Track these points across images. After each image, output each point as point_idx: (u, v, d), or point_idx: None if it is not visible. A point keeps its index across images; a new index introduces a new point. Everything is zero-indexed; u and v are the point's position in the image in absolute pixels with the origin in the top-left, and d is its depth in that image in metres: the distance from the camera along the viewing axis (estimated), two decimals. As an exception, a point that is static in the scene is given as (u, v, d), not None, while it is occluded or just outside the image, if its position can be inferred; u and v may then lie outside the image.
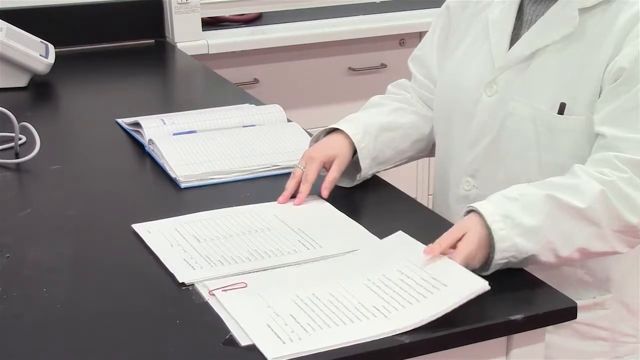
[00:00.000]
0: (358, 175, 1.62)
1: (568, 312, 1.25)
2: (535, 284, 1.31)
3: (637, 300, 1.52)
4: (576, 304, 1.26)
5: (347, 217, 1.51)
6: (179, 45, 2.74)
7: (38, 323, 1.22)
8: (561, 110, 1.42)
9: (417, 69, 1.73)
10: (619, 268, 1.50)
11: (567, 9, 1.44)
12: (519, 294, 1.29)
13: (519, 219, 1.30)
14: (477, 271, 1.27)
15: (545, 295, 1.28)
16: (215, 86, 2.42)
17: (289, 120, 1.97)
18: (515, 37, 1.52)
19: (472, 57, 1.57)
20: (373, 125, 1.63)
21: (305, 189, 1.56)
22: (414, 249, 1.33)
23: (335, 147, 1.60)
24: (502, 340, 1.24)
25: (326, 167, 1.59)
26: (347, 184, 1.61)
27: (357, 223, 1.48)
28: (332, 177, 1.57)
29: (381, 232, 1.44)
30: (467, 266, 1.26)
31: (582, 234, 1.32)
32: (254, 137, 1.85)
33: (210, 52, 2.76)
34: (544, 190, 1.33)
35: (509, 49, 1.51)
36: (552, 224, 1.31)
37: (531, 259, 1.32)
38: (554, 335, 1.41)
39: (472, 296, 1.19)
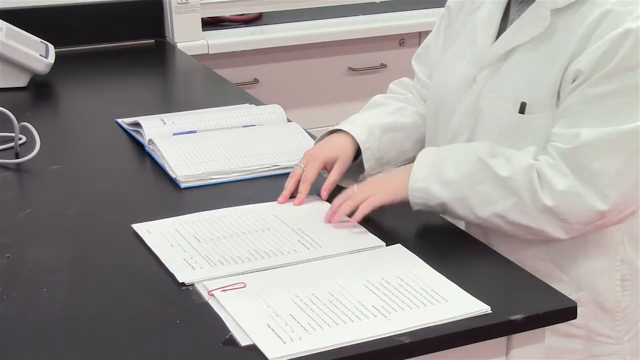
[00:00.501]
0: (361, 176, 1.62)
1: (568, 312, 1.25)
2: (535, 284, 1.32)
3: (611, 299, 1.53)
4: (576, 304, 1.26)
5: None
6: (179, 45, 2.74)
7: (38, 323, 1.22)
8: (522, 109, 1.46)
9: (419, 67, 1.74)
10: (589, 266, 1.51)
11: (540, 9, 1.46)
12: (519, 294, 1.29)
13: (443, 169, 1.45)
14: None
15: (545, 295, 1.28)
16: (215, 86, 2.42)
17: (289, 120, 1.97)
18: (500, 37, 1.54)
19: (460, 56, 1.59)
20: (376, 126, 1.63)
21: (304, 188, 1.56)
22: (413, 262, 1.35)
23: (338, 148, 1.60)
24: (502, 340, 1.24)
25: (327, 167, 1.60)
26: (349, 183, 1.60)
27: (356, 223, 1.48)
28: (332, 179, 1.58)
29: (381, 232, 1.44)
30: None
31: (502, 202, 1.41)
32: (254, 137, 1.85)
33: (210, 52, 2.76)
34: (479, 152, 1.44)
35: None
36: (472, 182, 1.43)
37: (448, 209, 1.45)
38: None
39: (472, 315, 1.20)
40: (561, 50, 1.43)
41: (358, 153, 1.62)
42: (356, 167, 1.63)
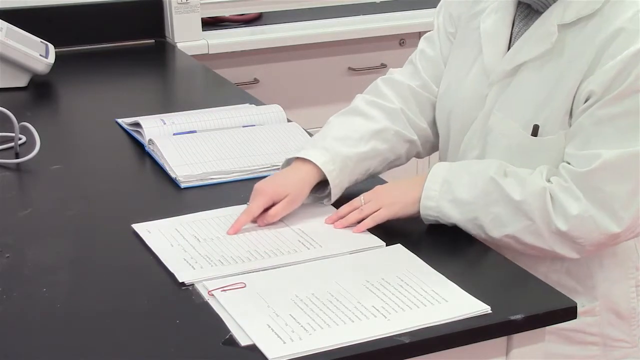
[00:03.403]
0: (326, 201, 1.54)
1: (568, 312, 1.25)
2: (535, 284, 1.32)
3: (626, 306, 1.53)
4: (576, 303, 1.26)
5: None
6: (179, 45, 2.74)
7: (38, 323, 1.22)
8: (535, 132, 1.43)
9: (425, 66, 1.65)
10: (604, 276, 1.51)
11: (547, 24, 1.43)
12: (519, 294, 1.29)
13: (454, 188, 1.44)
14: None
15: (545, 295, 1.28)
16: (215, 86, 2.42)
17: (289, 120, 1.97)
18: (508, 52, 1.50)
19: (467, 69, 1.56)
20: (351, 159, 1.54)
21: (242, 218, 1.46)
22: (413, 262, 1.35)
23: (292, 185, 1.49)
24: (502, 340, 1.24)
25: (275, 203, 1.48)
26: (309, 201, 1.54)
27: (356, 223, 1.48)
28: (273, 212, 1.47)
29: (381, 232, 1.44)
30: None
31: (514, 223, 1.40)
32: (254, 137, 1.85)
33: (210, 52, 2.76)
34: (491, 172, 1.42)
35: None
36: (485, 204, 1.42)
37: (461, 227, 1.44)
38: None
39: (472, 315, 1.20)
40: (571, 68, 1.40)
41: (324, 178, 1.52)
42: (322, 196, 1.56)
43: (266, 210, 1.48)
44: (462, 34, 1.60)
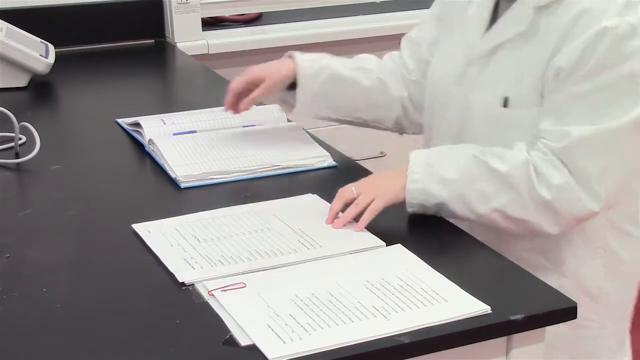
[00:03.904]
0: (296, 106, 1.78)
1: (568, 312, 1.25)
2: (535, 284, 1.32)
3: (594, 285, 1.57)
4: (576, 303, 1.26)
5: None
6: (179, 45, 2.74)
7: (38, 323, 1.22)
8: (505, 103, 1.51)
9: (406, 48, 1.81)
10: (573, 253, 1.56)
11: (523, 7, 1.51)
12: (519, 294, 1.29)
13: (438, 169, 1.47)
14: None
15: (545, 295, 1.28)
16: (215, 86, 2.42)
17: (289, 120, 1.97)
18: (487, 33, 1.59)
19: (451, 52, 1.64)
20: (330, 69, 1.76)
21: (228, 96, 1.78)
22: (413, 262, 1.35)
23: (272, 70, 1.76)
24: (502, 340, 1.24)
25: (256, 83, 1.75)
26: (286, 109, 1.83)
27: (356, 223, 1.48)
28: (252, 95, 1.75)
29: (381, 232, 1.44)
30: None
31: (500, 197, 1.45)
32: (253, 137, 1.85)
33: (210, 52, 2.76)
34: (472, 151, 1.48)
35: None
36: (470, 179, 1.46)
37: (445, 208, 1.47)
38: None
39: (472, 315, 1.20)
40: (542, 48, 1.47)
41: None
42: (294, 96, 1.78)
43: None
44: (451, 21, 1.68)
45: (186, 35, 2.76)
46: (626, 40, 1.41)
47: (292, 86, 1.79)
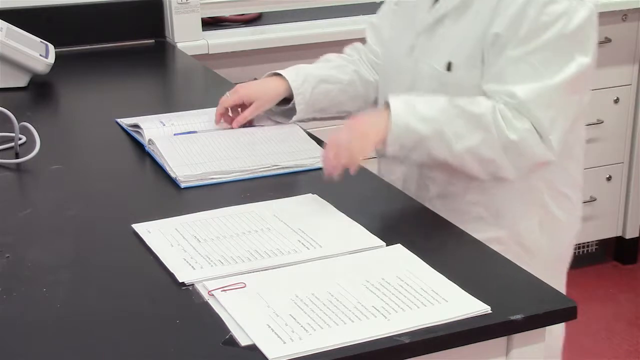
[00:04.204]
0: (294, 117, 1.87)
1: (568, 312, 1.25)
2: (535, 284, 1.32)
3: (530, 241, 1.71)
4: (576, 303, 1.26)
5: (347, 217, 1.51)
6: (179, 45, 2.74)
7: (38, 323, 1.22)
8: (449, 67, 1.65)
9: (369, 34, 1.94)
10: (511, 208, 1.70)
11: None
12: (519, 294, 1.29)
13: (418, 108, 1.58)
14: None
15: (545, 295, 1.28)
16: (215, 86, 2.42)
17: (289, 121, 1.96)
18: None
19: (403, 28, 1.78)
20: (313, 76, 1.86)
21: (218, 109, 1.87)
22: (413, 262, 1.35)
23: (262, 90, 1.86)
24: (502, 340, 1.24)
25: (246, 104, 1.86)
26: (282, 120, 1.89)
27: (357, 223, 1.48)
28: (243, 116, 1.86)
29: (381, 232, 1.44)
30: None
31: (474, 136, 1.57)
32: (253, 137, 1.85)
33: (210, 52, 2.76)
34: (444, 97, 1.61)
35: None
36: (448, 119, 1.57)
37: (423, 146, 1.57)
38: None
39: (472, 315, 1.20)
40: (480, 16, 1.62)
41: (291, 96, 1.84)
42: (288, 110, 1.87)
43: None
44: (406, 4, 1.82)
45: (186, 35, 2.76)
46: (553, 3, 1.56)
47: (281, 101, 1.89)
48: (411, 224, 1.52)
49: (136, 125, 1.91)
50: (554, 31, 1.56)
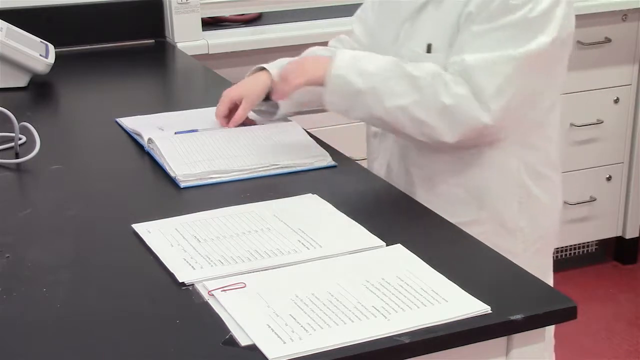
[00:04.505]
0: (278, 112, 1.90)
1: (568, 312, 1.25)
2: (535, 284, 1.32)
3: (510, 220, 1.76)
4: (576, 304, 1.26)
5: (347, 217, 1.51)
6: (179, 45, 2.74)
7: (38, 323, 1.22)
8: (429, 49, 1.72)
9: (356, 25, 1.98)
10: (490, 188, 1.74)
11: None
12: (519, 294, 1.29)
13: (361, 62, 1.68)
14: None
15: (545, 295, 1.28)
16: (215, 86, 2.42)
17: (289, 120, 1.97)
18: None
19: (389, 14, 1.83)
20: None
21: (218, 119, 1.91)
22: (413, 262, 1.35)
23: (249, 88, 1.89)
24: (502, 340, 1.24)
25: (238, 104, 1.88)
26: (267, 117, 1.92)
27: (357, 223, 1.48)
28: (238, 115, 1.87)
29: (381, 232, 1.44)
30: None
31: (407, 95, 1.64)
32: (253, 137, 1.85)
33: (210, 52, 2.76)
34: (395, 57, 1.70)
35: None
36: (385, 77, 1.65)
37: (359, 100, 1.67)
38: None
39: (472, 315, 1.20)
40: (459, 1, 1.68)
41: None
42: (273, 105, 1.91)
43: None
44: None
45: (186, 35, 2.76)
46: None
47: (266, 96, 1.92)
48: (411, 224, 1.52)
49: (136, 132, 1.91)
50: (519, 14, 1.62)
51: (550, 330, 1.80)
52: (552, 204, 1.82)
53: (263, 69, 1.90)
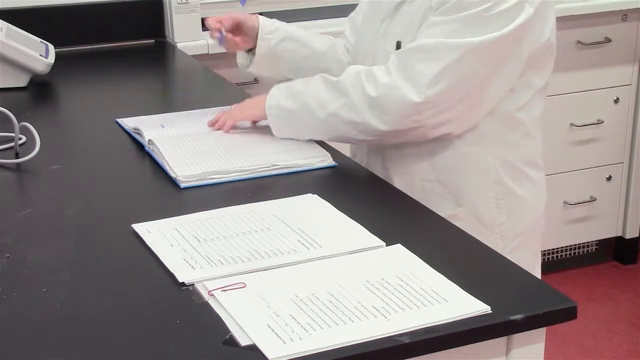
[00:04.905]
0: (253, 62, 2.03)
1: (568, 312, 1.25)
2: (535, 284, 1.32)
3: (488, 216, 1.77)
4: (576, 303, 1.26)
5: (347, 217, 1.51)
6: (179, 45, 2.74)
7: (38, 323, 1.22)
8: (398, 46, 1.75)
9: (347, 25, 2.05)
10: (467, 184, 1.77)
11: None
12: (519, 294, 1.29)
13: (291, 85, 1.79)
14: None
15: (545, 295, 1.28)
16: (215, 86, 2.42)
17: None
18: None
19: (373, 13, 1.87)
20: (285, 30, 2.03)
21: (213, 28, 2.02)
22: (413, 262, 1.35)
23: (250, 19, 2.03)
24: (502, 340, 1.24)
25: (240, 23, 2.01)
26: (243, 59, 2.07)
27: (357, 223, 1.48)
28: (224, 18, 2.00)
29: (381, 232, 1.44)
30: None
31: (334, 101, 1.72)
32: (253, 137, 1.85)
33: (210, 52, 2.76)
34: (323, 74, 1.79)
35: None
36: (313, 91, 1.75)
37: (296, 118, 1.77)
38: None
39: (472, 315, 1.20)
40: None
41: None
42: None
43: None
44: None
45: (186, 35, 2.76)
46: None
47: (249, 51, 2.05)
48: (411, 224, 1.52)
49: (137, 129, 1.91)
50: (474, 11, 1.64)
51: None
52: (533, 201, 1.82)
53: None
